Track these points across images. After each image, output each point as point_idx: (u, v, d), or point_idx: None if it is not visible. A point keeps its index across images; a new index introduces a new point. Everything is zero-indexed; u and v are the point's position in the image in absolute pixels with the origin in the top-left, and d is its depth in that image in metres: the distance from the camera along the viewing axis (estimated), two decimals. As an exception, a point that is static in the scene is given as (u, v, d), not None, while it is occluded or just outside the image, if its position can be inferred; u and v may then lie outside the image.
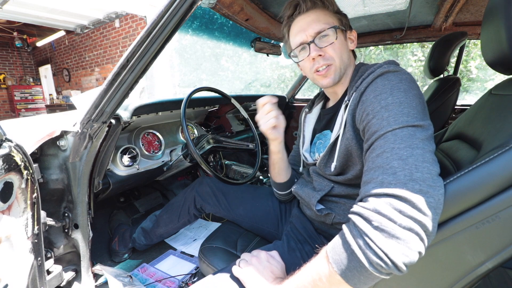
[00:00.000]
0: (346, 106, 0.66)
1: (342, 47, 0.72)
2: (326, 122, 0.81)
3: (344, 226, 0.48)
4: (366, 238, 0.42)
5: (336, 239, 0.49)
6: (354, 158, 0.65)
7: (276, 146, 0.85)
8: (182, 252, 1.42)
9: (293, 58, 0.79)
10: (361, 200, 0.48)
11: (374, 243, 0.41)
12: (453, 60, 1.67)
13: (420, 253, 0.41)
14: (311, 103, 0.93)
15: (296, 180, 0.96)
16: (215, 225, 1.67)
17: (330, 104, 0.83)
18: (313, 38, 0.71)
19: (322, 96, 0.90)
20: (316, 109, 0.89)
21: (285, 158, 0.90)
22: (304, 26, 0.72)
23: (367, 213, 0.44)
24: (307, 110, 0.92)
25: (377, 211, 0.42)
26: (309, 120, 0.89)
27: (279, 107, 0.78)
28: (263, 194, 1.07)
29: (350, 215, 0.48)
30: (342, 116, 0.68)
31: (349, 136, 0.64)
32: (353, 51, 0.80)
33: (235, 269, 0.66)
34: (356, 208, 0.47)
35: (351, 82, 0.71)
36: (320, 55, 0.71)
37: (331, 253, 0.48)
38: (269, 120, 0.77)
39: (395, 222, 0.41)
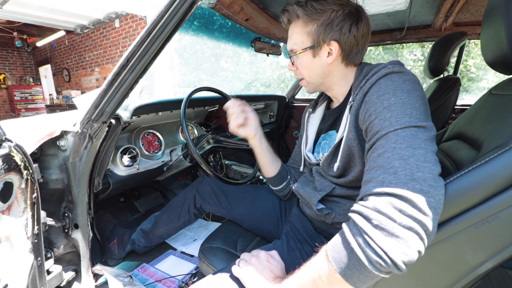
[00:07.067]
0: (351, 106, 0.66)
1: (312, 66, 0.74)
2: (332, 122, 0.81)
3: (344, 225, 0.48)
4: (366, 237, 0.42)
5: (336, 238, 0.49)
6: (356, 159, 0.65)
7: (252, 142, 0.89)
8: (182, 252, 1.42)
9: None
10: (361, 199, 0.48)
11: (373, 242, 0.41)
12: (453, 60, 1.67)
13: (419, 252, 0.41)
14: (315, 103, 0.93)
15: (289, 176, 0.96)
16: (215, 225, 1.67)
17: (335, 104, 0.83)
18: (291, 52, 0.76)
19: (325, 96, 0.90)
20: (320, 109, 0.89)
21: (266, 153, 0.92)
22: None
23: (367, 211, 0.44)
24: (310, 110, 0.92)
25: (377, 210, 0.43)
26: (312, 121, 0.89)
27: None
28: (263, 193, 1.07)
29: (350, 214, 0.48)
30: (347, 117, 0.68)
31: (351, 137, 0.64)
32: (343, 59, 0.73)
33: (234, 269, 0.66)
34: (356, 206, 0.47)
35: (355, 82, 0.70)
36: (294, 69, 0.78)
37: (331, 251, 0.48)
38: (233, 121, 0.83)
39: (395, 221, 0.41)
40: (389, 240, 0.41)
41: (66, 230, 0.91)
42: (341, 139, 0.69)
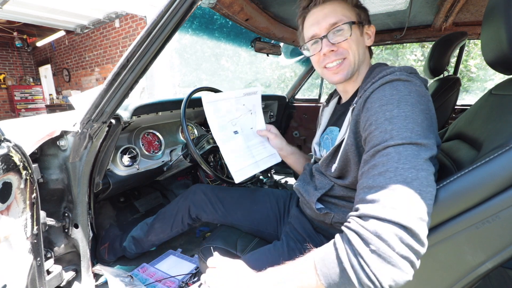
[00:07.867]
0: (353, 109, 0.65)
1: (357, 43, 0.70)
2: (337, 118, 0.81)
3: (337, 240, 0.48)
4: (361, 260, 0.42)
5: (327, 251, 0.48)
6: (351, 165, 0.65)
7: (282, 153, 1.04)
8: (182, 252, 1.42)
9: (305, 51, 0.77)
10: (360, 217, 0.46)
11: (368, 267, 0.42)
12: (453, 60, 1.67)
13: (408, 279, 0.42)
14: (329, 96, 0.94)
15: None
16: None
17: (343, 100, 0.83)
18: (327, 31, 0.69)
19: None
20: (332, 103, 0.89)
21: (297, 158, 1.00)
22: (319, 19, 0.69)
23: (366, 234, 0.43)
24: (325, 103, 0.93)
25: (378, 235, 0.42)
26: (325, 114, 0.90)
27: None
28: (260, 196, 1.06)
29: (345, 230, 0.47)
30: (349, 119, 0.67)
31: (349, 142, 0.63)
32: (369, 48, 0.77)
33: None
34: (353, 224, 0.46)
35: (363, 82, 0.69)
36: (332, 50, 0.69)
37: (320, 264, 0.48)
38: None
39: (394, 249, 0.41)
40: (384, 267, 0.41)
41: (66, 230, 0.91)
42: (341, 142, 0.68)
